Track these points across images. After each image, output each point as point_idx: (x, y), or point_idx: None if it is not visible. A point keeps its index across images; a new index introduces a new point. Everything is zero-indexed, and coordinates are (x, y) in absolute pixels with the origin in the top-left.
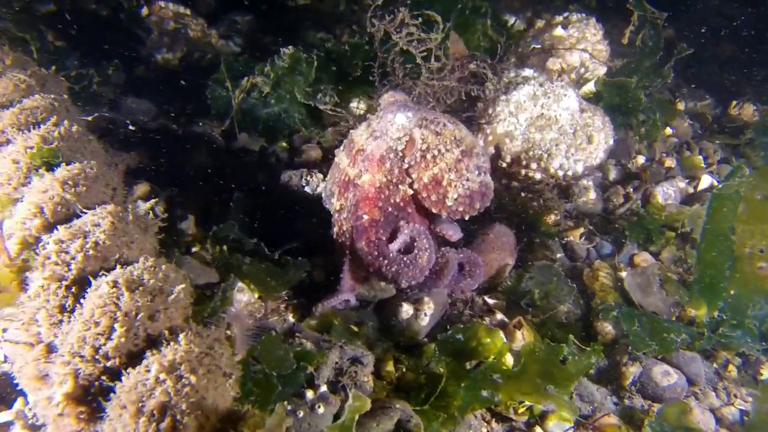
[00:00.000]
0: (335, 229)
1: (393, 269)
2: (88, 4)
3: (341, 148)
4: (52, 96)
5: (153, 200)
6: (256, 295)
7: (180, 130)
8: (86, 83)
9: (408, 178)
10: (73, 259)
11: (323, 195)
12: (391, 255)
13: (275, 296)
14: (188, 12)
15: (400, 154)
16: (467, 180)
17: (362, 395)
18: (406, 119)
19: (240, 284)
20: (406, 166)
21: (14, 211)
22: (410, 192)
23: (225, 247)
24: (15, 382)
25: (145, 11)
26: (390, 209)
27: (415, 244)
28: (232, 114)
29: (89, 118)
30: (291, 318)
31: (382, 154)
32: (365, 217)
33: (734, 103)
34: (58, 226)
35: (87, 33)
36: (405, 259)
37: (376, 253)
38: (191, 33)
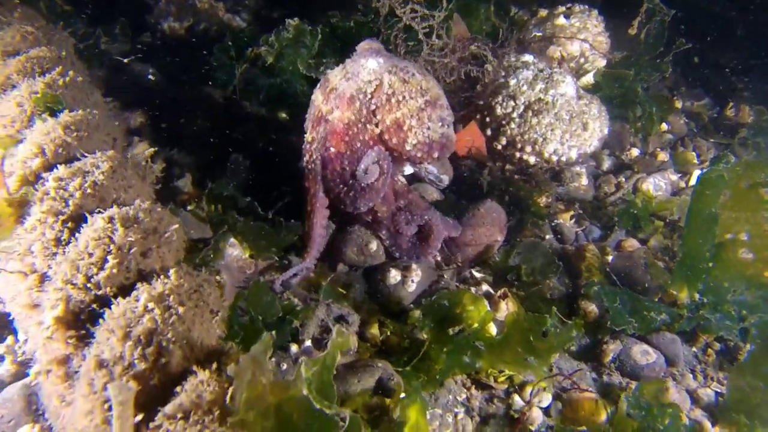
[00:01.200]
0: (305, 158)
1: (351, 194)
2: None
3: (317, 86)
4: (58, 50)
5: (151, 149)
6: (247, 254)
7: (182, 94)
8: (92, 42)
9: (374, 119)
10: (72, 196)
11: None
12: (350, 182)
13: (266, 256)
14: None
15: (369, 96)
16: (428, 129)
17: (345, 332)
18: (377, 64)
19: (232, 240)
20: (372, 107)
21: (16, 151)
22: (377, 131)
23: (220, 205)
24: (7, 318)
25: None
26: (358, 145)
27: (377, 164)
28: (235, 82)
29: (125, 60)
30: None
31: (353, 94)
32: (332, 149)
33: (731, 104)
34: (59, 165)
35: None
36: (363, 183)
37: (338, 180)
38: (199, 4)
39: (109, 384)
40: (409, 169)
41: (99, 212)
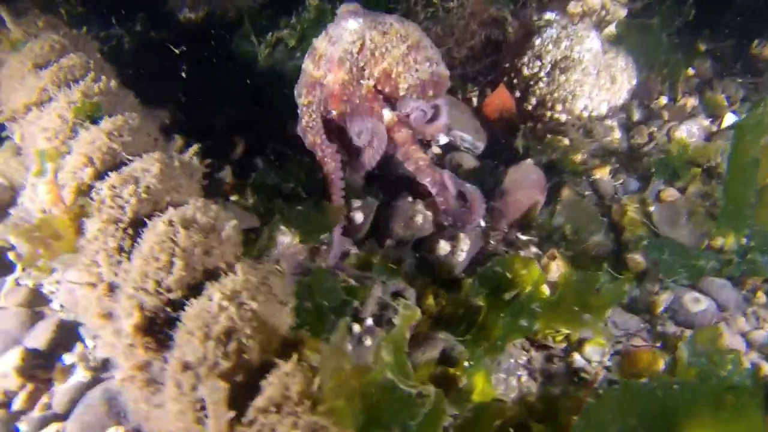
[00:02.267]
0: (304, 120)
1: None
2: None
3: (306, 55)
4: (86, 55)
5: (195, 146)
6: (297, 239)
7: (206, 86)
8: (116, 43)
9: (365, 74)
10: (127, 202)
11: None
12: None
13: (315, 238)
14: None
15: (356, 54)
16: (416, 71)
17: (411, 305)
18: (357, 24)
19: (282, 227)
20: (361, 64)
21: (64, 163)
22: (372, 84)
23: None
24: (74, 328)
25: None
26: (357, 101)
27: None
28: (258, 68)
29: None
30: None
31: (341, 56)
32: (334, 111)
33: (756, 42)
34: (110, 173)
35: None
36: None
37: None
38: None
39: (201, 385)
40: (444, 139)
41: (157, 215)
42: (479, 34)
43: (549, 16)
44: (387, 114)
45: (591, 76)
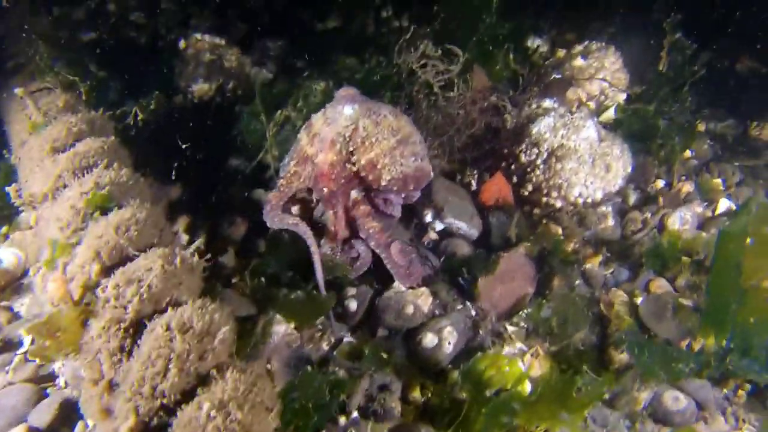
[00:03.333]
0: (282, 181)
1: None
2: (126, 31)
3: (303, 127)
4: (102, 139)
5: (199, 240)
6: (292, 325)
7: (216, 164)
8: (131, 121)
9: (352, 158)
10: (130, 302)
11: (281, 165)
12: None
13: (310, 325)
14: (223, 42)
15: (348, 138)
16: (401, 165)
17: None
18: (352, 110)
19: (277, 316)
20: (351, 149)
21: (73, 254)
22: (354, 169)
23: (263, 280)
24: (76, 405)
25: (182, 44)
26: (342, 181)
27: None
28: (266, 146)
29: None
30: (325, 346)
31: (333, 138)
32: (325, 190)
33: (754, 123)
34: (115, 271)
35: (126, 62)
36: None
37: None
38: (226, 63)
39: None
40: (439, 225)
41: (157, 314)
42: (479, 121)
43: (548, 103)
44: (353, 193)
45: (587, 165)
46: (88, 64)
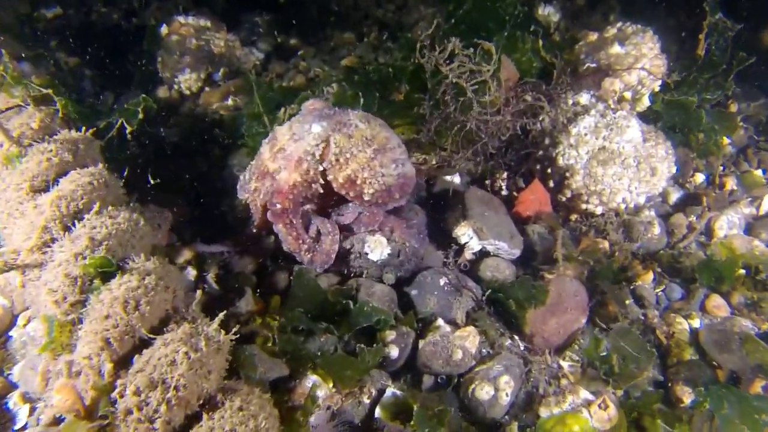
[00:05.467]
0: (246, 196)
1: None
2: (97, 7)
3: (266, 139)
4: (90, 171)
5: (220, 315)
6: (330, 385)
7: (217, 178)
8: (115, 134)
9: (321, 179)
10: (156, 412)
11: (241, 177)
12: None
13: (351, 385)
14: (209, 24)
15: (318, 157)
16: (382, 176)
17: None
18: (321, 128)
19: (315, 378)
20: (322, 168)
21: (75, 337)
22: (320, 190)
23: (293, 336)
24: None
25: (165, 30)
26: (300, 200)
27: (321, 230)
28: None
29: None
30: (366, 399)
31: (300, 156)
32: (278, 205)
33: None
34: (132, 371)
35: (99, 47)
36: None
37: (295, 234)
38: (215, 49)
39: None
40: (476, 245)
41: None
42: (513, 125)
43: (585, 99)
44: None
45: (631, 169)
46: (56, 52)
